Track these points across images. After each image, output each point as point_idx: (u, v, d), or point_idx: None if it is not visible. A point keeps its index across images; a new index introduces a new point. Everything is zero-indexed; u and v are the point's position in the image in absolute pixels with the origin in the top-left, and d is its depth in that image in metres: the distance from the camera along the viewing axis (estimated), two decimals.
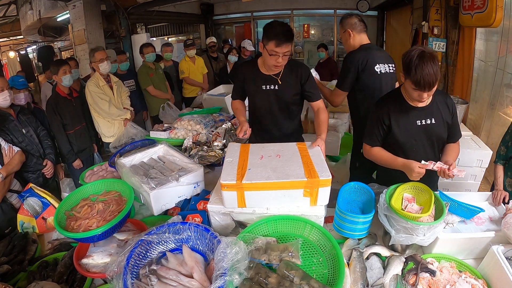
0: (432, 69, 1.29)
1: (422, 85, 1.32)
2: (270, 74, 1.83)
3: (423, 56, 1.30)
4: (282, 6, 7.64)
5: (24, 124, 2.33)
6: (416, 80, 1.32)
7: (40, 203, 1.68)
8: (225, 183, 1.25)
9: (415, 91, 1.37)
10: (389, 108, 1.55)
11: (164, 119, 3.17)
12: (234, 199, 1.28)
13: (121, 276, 1.00)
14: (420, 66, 1.29)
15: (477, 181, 2.63)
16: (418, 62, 1.29)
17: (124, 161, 1.75)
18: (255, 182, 1.24)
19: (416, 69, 1.30)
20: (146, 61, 3.85)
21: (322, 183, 1.25)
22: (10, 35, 9.54)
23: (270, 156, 1.42)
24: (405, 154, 1.59)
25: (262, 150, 1.48)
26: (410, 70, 1.32)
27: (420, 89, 1.34)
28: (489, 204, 1.60)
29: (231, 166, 1.34)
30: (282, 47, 1.64)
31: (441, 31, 3.74)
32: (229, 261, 0.99)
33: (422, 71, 1.29)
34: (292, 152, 1.46)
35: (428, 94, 1.37)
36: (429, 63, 1.29)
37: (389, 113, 1.55)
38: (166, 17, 6.69)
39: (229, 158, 1.41)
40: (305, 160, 1.39)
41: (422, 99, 1.40)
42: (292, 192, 1.27)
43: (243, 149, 1.50)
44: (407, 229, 1.23)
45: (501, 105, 3.03)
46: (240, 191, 1.25)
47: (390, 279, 1.18)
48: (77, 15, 4.90)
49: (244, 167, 1.33)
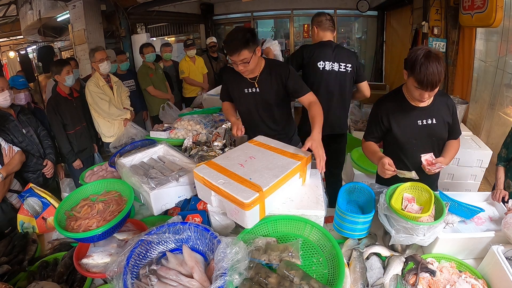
0: (437, 69, 1.29)
1: (425, 84, 1.32)
2: (249, 77, 1.82)
3: (429, 56, 1.30)
4: (282, 6, 7.63)
5: (24, 124, 2.34)
6: (420, 78, 1.32)
7: (40, 203, 1.68)
8: (251, 200, 1.11)
9: (417, 90, 1.37)
10: (389, 107, 1.56)
11: (164, 119, 3.17)
12: (256, 212, 1.18)
13: (121, 276, 1.00)
14: (425, 65, 1.29)
15: (477, 181, 2.64)
16: (423, 60, 1.30)
17: (124, 161, 1.75)
18: (271, 185, 1.19)
19: (420, 68, 1.30)
20: (146, 61, 3.85)
21: (308, 160, 1.41)
22: (10, 35, 9.54)
23: (246, 161, 1.37)
24: (405, 153, 1.59)
25: (234, 160, 1.38)
26: (415, 68, 1.32)
27: (422, 88, 1.34)
28: (489, 204, 1.60)
29: (233, 185, 1.19)
30: (233, 56, 1.63)
31: (441, 31, 3.73)
32: (229, 261, 0.99)
33: (427, 70, 1.29)
34: (259, 151, 1.46)
35: (429, 94, 1.37)
36: (435, 63, 1.29)
37: (388, 112, 1.56)
38: (166, 17, 6.68)
39: (220, 180, 1.23)
40: (276, 150, 1.44)
41: (423, 98, 1.40)
42: (293, 180, 1.32)
43: (216, 169, 1.32)
44: (407, 229, 1.23)
45: (501, 105, 3.03)
46: (261, 200, 1.17)
47: (390, 279, 1.18)
48: (77, 15, 4.90)
49: (244, 180, 1.22)
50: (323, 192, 1.39)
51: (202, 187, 1.32)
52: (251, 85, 1.83)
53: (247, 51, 1.61)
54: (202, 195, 1.37)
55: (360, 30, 7.83)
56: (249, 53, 1.62)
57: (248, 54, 1.62)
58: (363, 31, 7.71)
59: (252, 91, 1.84)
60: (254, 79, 1.81)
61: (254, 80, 1.81)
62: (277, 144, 1.53)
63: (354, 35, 8.04)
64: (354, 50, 7.91)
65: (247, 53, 1.62)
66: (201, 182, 1.31)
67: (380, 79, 6.94)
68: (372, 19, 7.14)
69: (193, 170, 1.34)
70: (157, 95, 3.87)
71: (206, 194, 1.31)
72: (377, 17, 6.98)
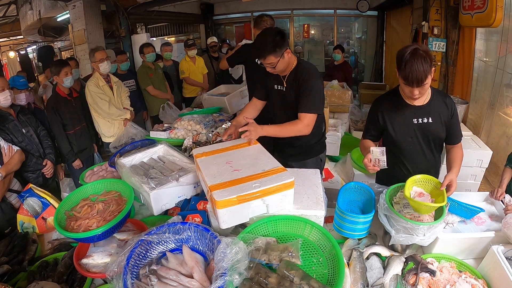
0: (422, 66, 1.31)
1: (410, 81, 1.34)
2: (281, 75, 1.82)
3: (415, 53, 1.32)
4: (282, 6, 7.62)
5: (24, 124, 2.34)
6: (405, 75, 1.35)
7: (39, 203, 1.68)
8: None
9: (406, 86, 1.40)
10: (384, 106, 1.58)
11: (164, 119, 3.17)
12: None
13: (121, 276, 1.00)
14: (410, 62, 1.32)
15: (477, 181, 2.64)
16: (408, 58, 1.32)
17: (124, 161, 1.75)
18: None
19: (406, 65, 1.33)
20: (146, 61, 3.85)
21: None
22: (10, 35, 9.54)
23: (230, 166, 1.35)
24: (402, 152, 1.60)
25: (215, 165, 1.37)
26: (401, 65, 1.35)
27: (409, 85, 1.37)
28: (488, 204, 1.60)
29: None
30: (260, 60, 1.68)
31: (441, 31, 3.74)
32: (229, 261, 0.99)
33: (411, 67, 1.31)
34: (243, 154, 1.46)
35: (419, 91, 1.39)
36: (420, 60, 1.31)
37: (383, 111, 1.58)
38: (166, 17, 6.68)
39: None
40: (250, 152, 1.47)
41: (413, 95, 1.41)
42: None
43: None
44: (407, 229, 1.23)
45: (501, 105, 3.03)
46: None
47: (390, 279, 1.18)
48: (77, 15, 4.90)
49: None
50: (323, 192, 1.39)
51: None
52: (281, 83, 1.82)
53: (273, 57, 1.62)
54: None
55: (360, 30, 7.83)
56: (275, 58, 1.63)
57: (275, 59, 1.63)
58: (363, 31, 7.71)
59: (279, 89, 1.84)
60: (284, 78, 1.80)
61: (284, 78, 1.80)
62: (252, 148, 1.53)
63: (354, 35, 8.04)
64: (354, 50, 7.92)
65: (273, 58, 1.63)
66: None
67: (380, 79, 6.94)
68: (372, 19, 7.14)
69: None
70: (157, 95, 3.88)
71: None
72: (377, 17, 6.98)
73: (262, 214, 1.25)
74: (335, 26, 7.59)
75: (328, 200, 1.44)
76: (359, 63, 7.83)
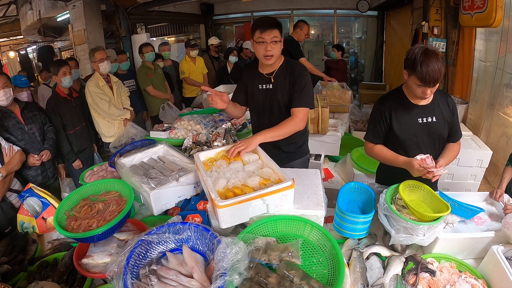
0: (437, 65, 1.32)
1: (427, 81, 1.34)
2: (265, 73, 1.81)
3: (427, 53, 1.32)
4: (282, 6, 7.62)
5: (28, 121, 2.33)
6: (422, 76, 1.34)
7: (40, 203, 1.68)
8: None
9: (419, 87, 1.39)
10: (390, 105, 1.57)
11: (164, 119, 3.17)
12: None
13: (121, 276, 1.00)
14: (425, 63, 1.32)
15: (477, 181, 2.64)
16: (423, 58, 1.32)
17: (124, 161, 1.75)
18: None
19: (421, 66, 1.32)
20: (145, 60, 3.85)
21: None
22: (10, 35, 9.55)
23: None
24: (406, 151, 1.59)
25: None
26: (416, 67, 1.34)
27: (425, 85, 1.37)
28: (488, 204, 1.60)
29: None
30: (266, 32, 1.64)
31: (441, 31, 3.73)
32: (229, 261, 0.99)
33: (428, 67, 1.31)
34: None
35: (431, 90, 1.39)
36: (434, 59, 1.32)
37: (391, 110, 1.56)
38: (166, 17, 6.68)
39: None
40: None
41: (426, 95, 1.41)
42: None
43: None
44: (407, 229, 1.23)
45: (500, 105, 3.03)
46: None
47: (390, 279, 1.18)
48: (77, 15, 4.89)
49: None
50: (323, 192, 1.39)
51: None
52: (267, 81, 1.81)
53: (278, 32, 1.67)
54: None
55: (360, 30, 7.83)
56: (280, 34, 1.68)
57: (279, 35, 1.68)
58: (363, 31, 7.70)
59: (266, 88, 1.82)
60: (271, 74, 1.80)
61: (270, 75, 1.80)
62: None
63: (354, 35, 8.03)
64: (354, 50, 7.91)
65: (278, 33, 1.67)
66: None
67: (380, 79, 6.94)
68: (372, 19, 7.14)
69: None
70: (156, 95, 3.88)
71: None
72: (377, 17, 6.98)
73: (262, 214, 1.25)
74: (335, 26, 7.59)
75: (328, 200, 1.44)
76: (359, 63, 7.83)
